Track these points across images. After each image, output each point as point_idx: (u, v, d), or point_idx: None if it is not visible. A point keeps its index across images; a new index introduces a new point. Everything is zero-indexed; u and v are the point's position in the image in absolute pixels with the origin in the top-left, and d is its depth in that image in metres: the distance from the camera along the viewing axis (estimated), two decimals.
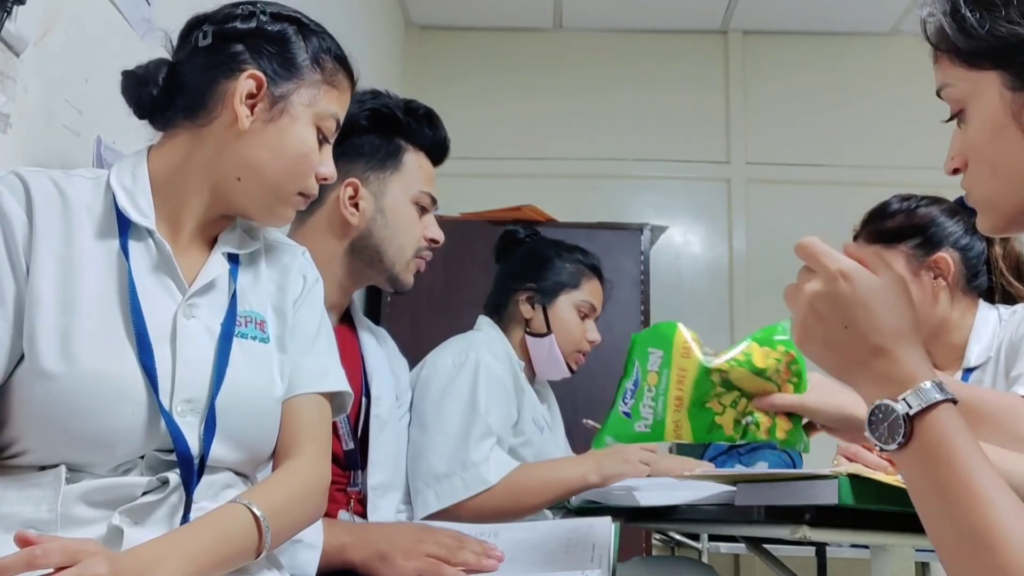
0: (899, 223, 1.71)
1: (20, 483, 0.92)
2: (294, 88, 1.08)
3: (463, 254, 3.04)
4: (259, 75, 1.06)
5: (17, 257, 0.94)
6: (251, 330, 1.07)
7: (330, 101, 1.12)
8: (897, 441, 0.72)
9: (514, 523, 1.57)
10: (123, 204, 1.01)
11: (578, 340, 2.02)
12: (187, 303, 1.02)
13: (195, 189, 1.07)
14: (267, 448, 1.09)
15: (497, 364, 1.87)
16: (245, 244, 1.12)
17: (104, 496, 0.93)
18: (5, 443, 0.93)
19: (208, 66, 1.07)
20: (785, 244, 4.45)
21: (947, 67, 0.83)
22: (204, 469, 0.98)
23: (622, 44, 4.06)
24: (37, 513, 0.90)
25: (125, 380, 0.94)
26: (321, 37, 1.12)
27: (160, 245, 1.03)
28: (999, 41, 0.76)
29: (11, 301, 0.93)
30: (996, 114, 0.79)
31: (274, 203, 1.10)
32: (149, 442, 0.96)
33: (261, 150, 1.06)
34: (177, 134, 1.08)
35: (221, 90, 1.06)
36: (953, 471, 0.69)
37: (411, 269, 1.59)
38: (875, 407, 0.75)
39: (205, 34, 1.08)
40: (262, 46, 1.08)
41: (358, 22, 3.07)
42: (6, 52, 1.12)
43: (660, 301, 3.53)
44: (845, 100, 3.92)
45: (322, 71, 1.11)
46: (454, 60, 4.05)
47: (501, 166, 3.91)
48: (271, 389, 1.07)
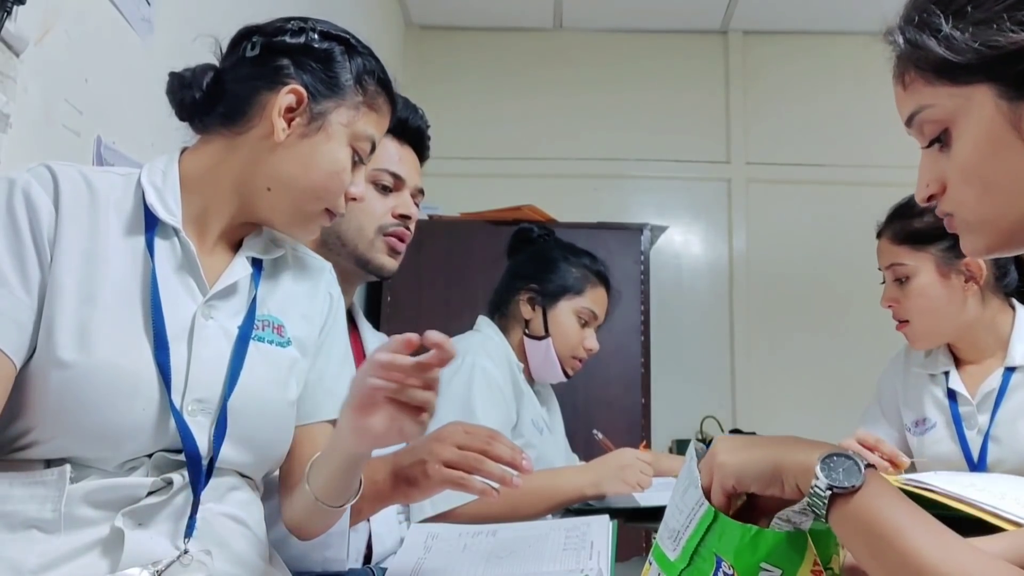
0: (928, 224, 1.67)
1: (25, 480, 0.92)
2: (334, 107, 1.09)
3: (463, 254, 3.04)
4: (300, 90, 1.07)
5: (43, 247, 0.95)
6: (268, 334, 1.07)
7: (368, 123, 1.12)
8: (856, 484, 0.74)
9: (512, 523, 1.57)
10: (151, 201, 1.02)
11: (575, 346, 2.01)
12: (207, 304, 1.03)
13: (225, 194, 1.08)
14: (277, 451, 1.09)
15: (494, 368, 1.87)
16: (269, 250, 1.13)
17: (108, 496, 0.93)
18: (16, 433, 0.94)
19: (252, 76, 1.08)
20: (785, 244, 4.47)
21: (923, 89, 0.81)
22: (213, 470, 0.99)
23: (622, 44, 4.06)
24: (41, 512, 0.91)
25: (139, 375, 0.95)
26: (367, 59, 1.13)
27: (185, 245, 1.04)
28: (994, 51, 0.74)
29: (36, 288, 0.94)
30: (993, 127, 0.76)
31: (300, 217, 1.11)
32: (157, 440, 0.96)
33: (293, 164, 1.07)
34: (213, 139, 1.09)
35: (261, 101, 1.07)
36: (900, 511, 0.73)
37: (379, 248, 1.57)
38: (830, 454, 0.76)
39: (254, 45, 1.09)
40: (307, 62, 1.09)
41: (358, 22, 3.08)
42: (6, 52, 1.12)
43: (660, 301, 3.54)
44: (845, 100, 3.92)
45: (364, 93, 1.12)
46: (454, 60, 4.05)
47: (501, 166, 3.91)
48: (285, 393, 1.08)
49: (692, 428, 3.72)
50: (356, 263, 1.57)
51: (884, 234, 1.77)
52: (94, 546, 0.91)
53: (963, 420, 1.71)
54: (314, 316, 1.15)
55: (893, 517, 0.72)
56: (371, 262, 1.56)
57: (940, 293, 1.71)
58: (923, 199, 0.85)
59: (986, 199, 0.79)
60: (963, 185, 0.80)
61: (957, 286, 1.69)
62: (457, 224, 3.22)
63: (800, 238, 3.89)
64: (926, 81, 0.80)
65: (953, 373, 1.76)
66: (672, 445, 3.61)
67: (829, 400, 3.53)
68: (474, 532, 1.36)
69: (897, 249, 1.74)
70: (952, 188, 0.82)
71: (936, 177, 0.83)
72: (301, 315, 1.14)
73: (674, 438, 3.64)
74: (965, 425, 1.71)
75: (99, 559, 0.91)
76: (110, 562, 0.91)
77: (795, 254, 3.87)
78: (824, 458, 0.76)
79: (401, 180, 1.58)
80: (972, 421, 1.70)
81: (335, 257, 1.55)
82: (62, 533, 0.90)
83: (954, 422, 1.72)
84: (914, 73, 0.81)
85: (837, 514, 0.75)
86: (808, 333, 3.76)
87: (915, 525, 0.72)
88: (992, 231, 0.81)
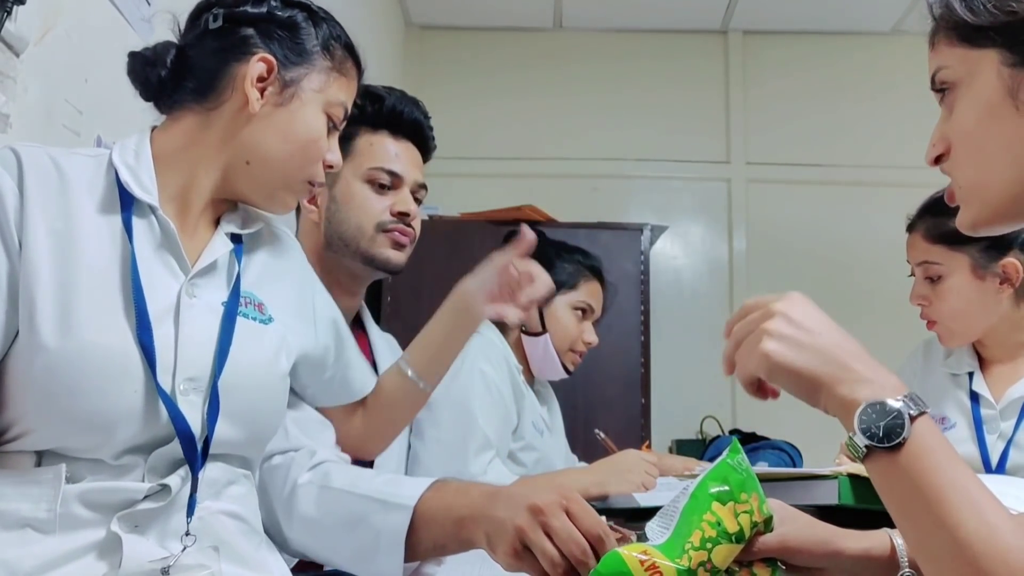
0: None
1: (18, 479, 0.91)
2: (304, 73, 1.09)
3: (463, 254, 3.03)
4: (270, 58, 1.06)
5: (9, 232, 0.93)
6: (251, 311, 1.07)
7: (339, 89, 1.12)
8: (895, 441, 0.69)
9: None
10: (125, 179, 1.00)
11: (573, 340, 2.02)
12: (190, 282, 1.01)
13: (204, 170, 1.06)
14: (272, 426, 1.08)
15: (494, 372, 1.86)
16: (248, 224, 1.12)
17: (103, 499, 0.92)
18: (6, 424, 0.92)
19: (218, 49, 1.07)
20: (785, 244, 4.47)
21: (945, 49, 0.83)
22: (208, 450, 0.97)
23: (622, 44, 4.06)
24: (35, 512, 0.89)
25: (125, 357, 0.93)
26: (331, 24, 1.13)
27: (164, 223, 1.02)
28: (1009, 17, 0.77)
29: (4, 275, 0.92)
30: (991, 93, 0.79)
31: (280, 189, 1.10)
32: (149, 425, 0.94)
33: (270, 134, 1.07)
34: (184, 116, 1.08)
35: (231, 73, 1.06)
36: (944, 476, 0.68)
37: (381, 243, 1.55)
38: (870, 404, 0.71)
39: (216, 17, 1.07)
40: (273, 30, 1.08)
41: (358, 22, 3.07)
42: (6, 52, 1.12)
43: (660, 301, 3.53)
44: (845, 100, 3.92)
45: (332, 58, 1.11)
46: (454, 60, 4.05)
47: (501, 166, 3.91)
48: (276, 367, 1.08)
49: (692, 428, 3.72)
50: (362, 260, 1.56)
51: (916, 229, 1.70)
52: (91, 548, 0.90)
53: (984, 423, 1.67)
54: (292, 289, 1.16)
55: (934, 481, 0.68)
56: (376, 257, 1.55)
57: (973, 295, 1.65)
58: (930, 159, 0.86)
59: (981, 164, 0.81)
60: (962, 148, 0.82)
61: (991, 288, 1.64)
62: (457, 224, 3.21)
63: (800, 238, 3.89)
64: (948, 42, 0.83)
65: (977, 375, 1.71)
66: (672, 445, 3.61)
67: None
68: None
69: (930, 247, 1.67)
70: (955, 150, 0.84)
71: (942, 137, 0.85)
72: (280, 290, 1.13)
73: (674, 438, 3.64)
74: (986, 429, 1.66)
75: (96, 561, 0.90)
76: (108, 565, 0.90)
77: (795, 254, 3.87)
78: (866, 407, 0.71)
79: (399, 178, 1.57)
80: (994, 425, 1.66)
81: (341, 258, 1.55)
82: (57, 534, 0.89)
83: (975, 425, 1.67)
84: (941, 34, 0.84)
85: (873, 466, 0.72)
86: None
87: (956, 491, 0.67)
88: (984, 201, 0.82)
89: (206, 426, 0.97)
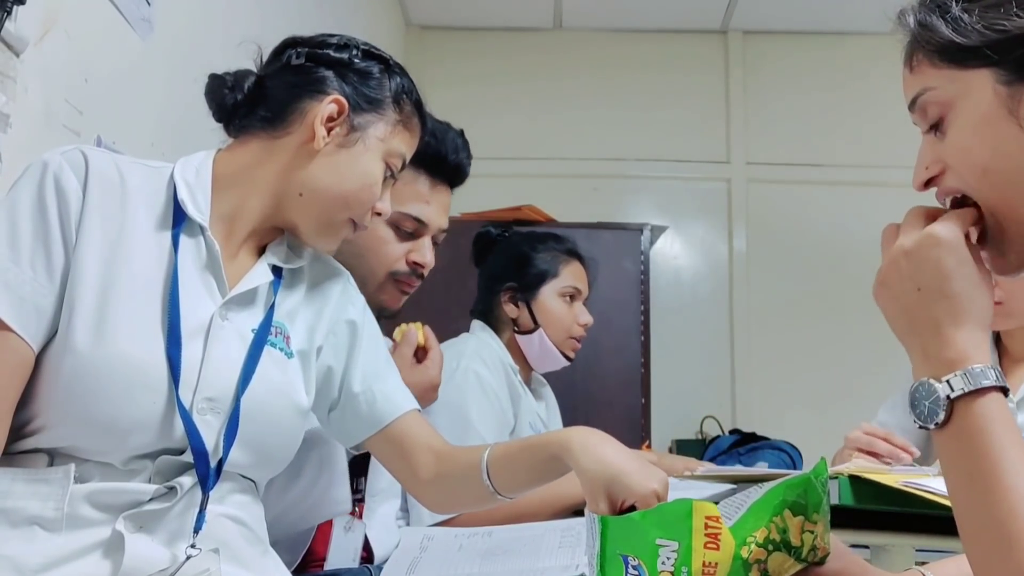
0: None
1: (28, 477, 0.92)
2: (372, 120, 1.12)
3: (463, 254, 3.03)
4: (342, 100, 1.09)
5: (69, 230, 0.96)
6: (279, 341, 1.08)
7: (402, 141, 1.15)
8: (935, 422, 0.71)
9: None
10: (182, 197, 1.03)
11: (569, 326, 2.01)
12: (225, 305, 1.03)
13: (256, 197, 1.08)
14: (284, 457, 1.10)
15: (488, 373, 1.85)
16: (291, 260, 1.14)
17: (110, 499, 0.93)
18: (25, 419, 0.94)
19: (295, 84, 1.11)
20: (785, 244, 4.46)
21: (928, 70, 0.81)
22: (221, 471, 0.99)
23: (622, 44, 4.06)
24: (43, 510, 0.91)
25: (151, 368, 0.95)
26: (404, 79, 1.16)
27: (210, 244, 1.04)
28: (998, 35, 0.75)
29: (59, 273, 0.95)
30: (989, 112, 0.77)
31: (326, 225, 1.12)
32: (163, 437, 0.96)
33: (329, 172, 1.09)
34: (249, 142, 1.10)
35: (303, 108, 1.09)
36: (986, 460, 0.68)
37: (389, 291, 1.51)
38: (919, 384, 0.73)
39: (299, 54, 1.12)
40: (349, 75, 1.12)
41: (358, 22, 3.07)
42: (6, 52, 1.12)
43: (660, 301, 3.53)
44: (845, 100, 3.92)
45: (400, 111, 1.14)
46: (454, 60, 4.05)
47: (501, 166, 3.91)
48: (297, 399, 1.08)
49: (692, 428, 3.72)
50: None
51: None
52: (95, 548, 0.91)
53: None
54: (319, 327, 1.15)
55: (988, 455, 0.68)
56: (379, 303, 1.50)
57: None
58: (920, 183, 0.85)
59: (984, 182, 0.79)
60: (961, 168, 0.81)
61: None
62: (457, 224, 3.20)
63: (800, 238, 3.89)
64: (931, 63, 0.81)
65: None
66: (672, 445, 3.61)
67: (830, 400, 3.53)
68: (470, 533, 1.36)
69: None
70: (952, 171, 0.82)
71: (935, 159, 0.83)
72: (307, 327, 1.14)
73: (674, 438, 3.64)
74: None
75: (101, 560, 0.91)
76: (112, 564, 0.91)
77: (795, 254, 3.87)
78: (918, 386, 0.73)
79: (424, 226, 1.53)
80: None
81: None
82: (64, 532, 0.90)
83: None
84: (921, 55, 0.82)
85: (937, 436, 0.73)
86: (808, 333, 3.76)
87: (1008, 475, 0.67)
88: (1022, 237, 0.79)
89: (221, 447, 0.98)
